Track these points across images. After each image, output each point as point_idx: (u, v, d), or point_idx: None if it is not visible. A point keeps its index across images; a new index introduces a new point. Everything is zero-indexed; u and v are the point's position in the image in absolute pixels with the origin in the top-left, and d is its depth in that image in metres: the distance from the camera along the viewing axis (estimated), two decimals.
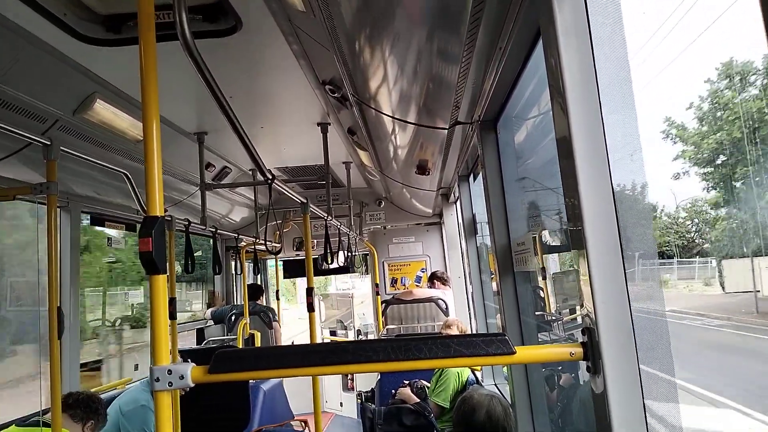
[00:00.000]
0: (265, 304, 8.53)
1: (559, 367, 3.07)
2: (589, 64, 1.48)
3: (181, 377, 1.32)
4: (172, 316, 4.47)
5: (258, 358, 1.41)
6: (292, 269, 10.11)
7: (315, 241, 7.05)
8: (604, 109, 1.51)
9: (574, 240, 1.54)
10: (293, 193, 4.32)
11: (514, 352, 1.35)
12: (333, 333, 11.32)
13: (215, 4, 2.50)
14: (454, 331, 4.96)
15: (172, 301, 4.46)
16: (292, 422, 5.80)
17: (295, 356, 1.38)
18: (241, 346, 6.70)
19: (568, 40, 1.44)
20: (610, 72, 1.54)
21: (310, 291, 4.17)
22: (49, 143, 2.91)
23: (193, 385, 1.34)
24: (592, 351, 1.39)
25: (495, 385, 5.09)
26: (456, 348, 1.33)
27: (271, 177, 3.40)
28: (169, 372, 1.32)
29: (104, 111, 3.39)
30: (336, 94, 3.35)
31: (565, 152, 1.53)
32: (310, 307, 4.15)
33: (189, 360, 1.49)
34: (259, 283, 8.75)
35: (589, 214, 1.45)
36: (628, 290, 1.47)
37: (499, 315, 3.37)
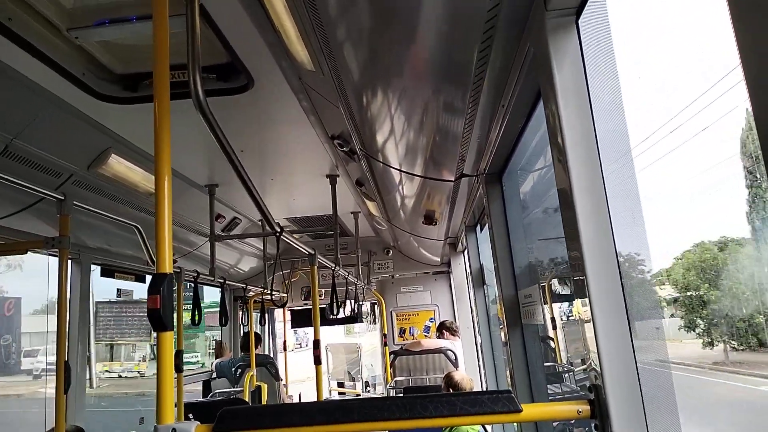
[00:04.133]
0: (264, 353, 8.40)
1: (571, 421, 3.00)
2: (587, 121, 1.52)
3: None
4: (179, 369, 4.43)
5: (263, 416, 1.41)
6: (300, 319, 10.04)
7: (323, 290, 7.01)
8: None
9: (578, 291, 1.55)
10: (301, 245, 4.34)
11: (520, 410, 1.33)
12: (341, 384, 11.13)
13: (228, 63, 2.59)
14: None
15: (178, 354, 4.43)
16: None
17: (301, 414, 1.38)
18: (247, 399, 6.59)
19: (567, 99, 1.49)
20: (608, 128, 1.58)
21: (317, 343, 4.14)
22: (62, 198, 2.96)
23: None
24: (599, 409, 1.38)
25: None
26: (461, 406, 1.32)
27: (279, 230, 3.43)
28: (173, 431, 1.32)
29: (118, 165, 3.46)
30: (344, 148, 3.42)
31: (566, 205, 1.55)
32: (317, 360, 4.10)
33: (192, 415, 1.48)
34: (260, 333, 8.66)
35: (591, 265, 1.46)
36: (633, 344, 1.46)
37: (507, 368, 3.33)
